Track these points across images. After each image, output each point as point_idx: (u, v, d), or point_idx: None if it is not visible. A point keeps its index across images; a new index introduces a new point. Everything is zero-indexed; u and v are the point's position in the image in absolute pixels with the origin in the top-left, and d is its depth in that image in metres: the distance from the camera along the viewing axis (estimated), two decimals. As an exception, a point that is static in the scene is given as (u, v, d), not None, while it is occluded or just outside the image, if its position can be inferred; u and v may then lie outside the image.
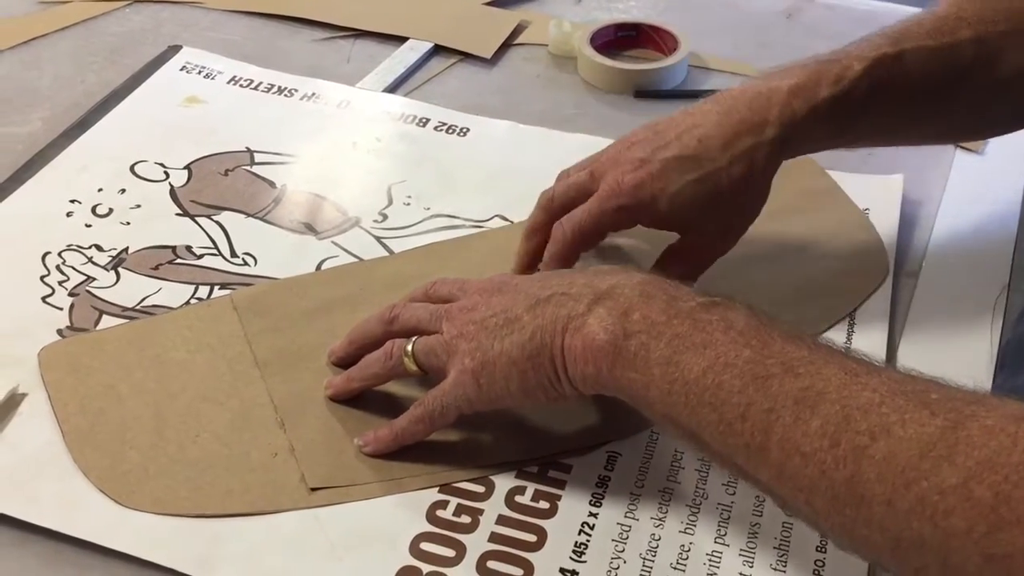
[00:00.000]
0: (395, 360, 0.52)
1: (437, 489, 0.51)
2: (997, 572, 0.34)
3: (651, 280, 0.48)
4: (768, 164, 0.56)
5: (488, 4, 0.91)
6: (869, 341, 0.59)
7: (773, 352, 0.42)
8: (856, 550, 0.41)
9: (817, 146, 0.59)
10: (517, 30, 0.87)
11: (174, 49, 0.83)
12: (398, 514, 0.50)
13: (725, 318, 0.44)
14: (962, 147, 0.75)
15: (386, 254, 0.64)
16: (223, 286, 0.62)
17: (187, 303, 0.60)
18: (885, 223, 0.67)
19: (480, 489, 0.51)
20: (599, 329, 0.46)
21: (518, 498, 0.50)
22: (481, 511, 0.50)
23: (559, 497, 0.51)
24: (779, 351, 0.42)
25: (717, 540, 0.49)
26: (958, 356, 0.59)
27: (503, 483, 0.51)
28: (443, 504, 0.50)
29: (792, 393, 0.41)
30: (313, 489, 0.50)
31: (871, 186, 0.70)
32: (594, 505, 0.50)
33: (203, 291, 0.61)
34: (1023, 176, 0.72)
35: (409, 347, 0.52)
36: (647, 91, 0.80)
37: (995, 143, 0.76)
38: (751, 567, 0.48)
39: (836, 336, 0.59)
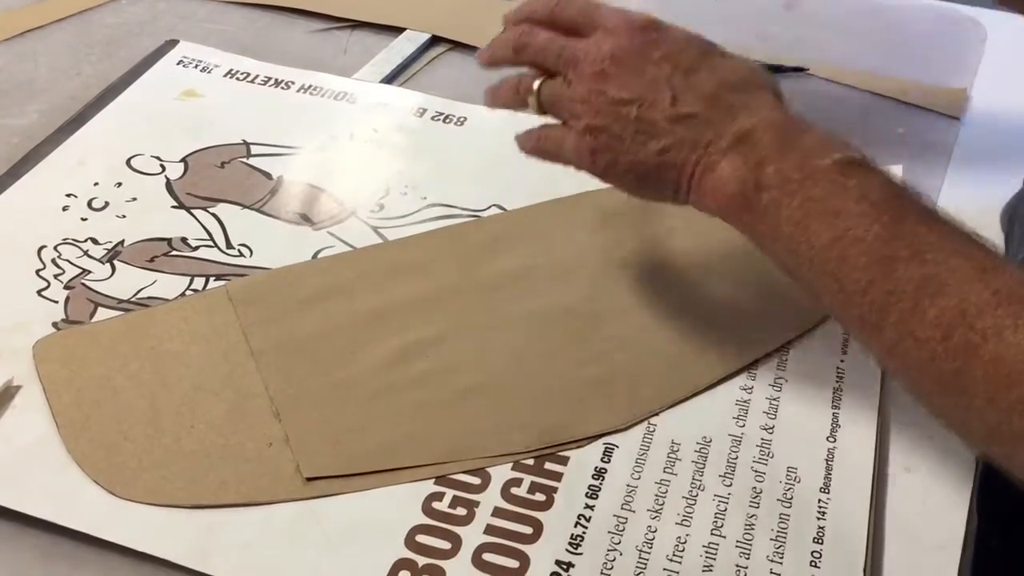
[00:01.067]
0: (523, 95, 0.54)
1: (433, 481, 0.51)
2: None
3: (789, 124, 0.47)
4: None
5: (486, -5, 0.90)
6: (867, 331, 0.58)
7: (904, 231, 0.43)
8: (952, 429, 0.43)
9: None
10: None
11: (171, 43, 0.83)
12: (394, 506, 0.49)
13: (861, 185, 0.44)
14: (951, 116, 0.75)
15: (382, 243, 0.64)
16: (219, 277, 0.61)
17: (182, 295, 0.60)
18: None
19: (476, 481, 0.51)
20: (731, 177, 0.46)
21: (514, 490, 0.50)
22: (477, 503, 0.50)
23: (555, 489, 0.50)
24: (910, 231, 0.43)
25: (714, 532, 0.48)
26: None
27: (499, 475, 0.51)
28: (439, 496, 0.50)
29: (915, 279, 0.41)
30: (308, 479, 0.50)
31: (870, 176, 0.70)
32: (590, 497, 0.50)
33: (198, 283, 0.61)
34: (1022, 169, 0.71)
35: (535, 85, 0.52)
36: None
37: (995, 136, 0.75)
38: (747, 559, 0.47)
39: (834, 326, 0.59)
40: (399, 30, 0.85)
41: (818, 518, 0.49)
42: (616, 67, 0.49)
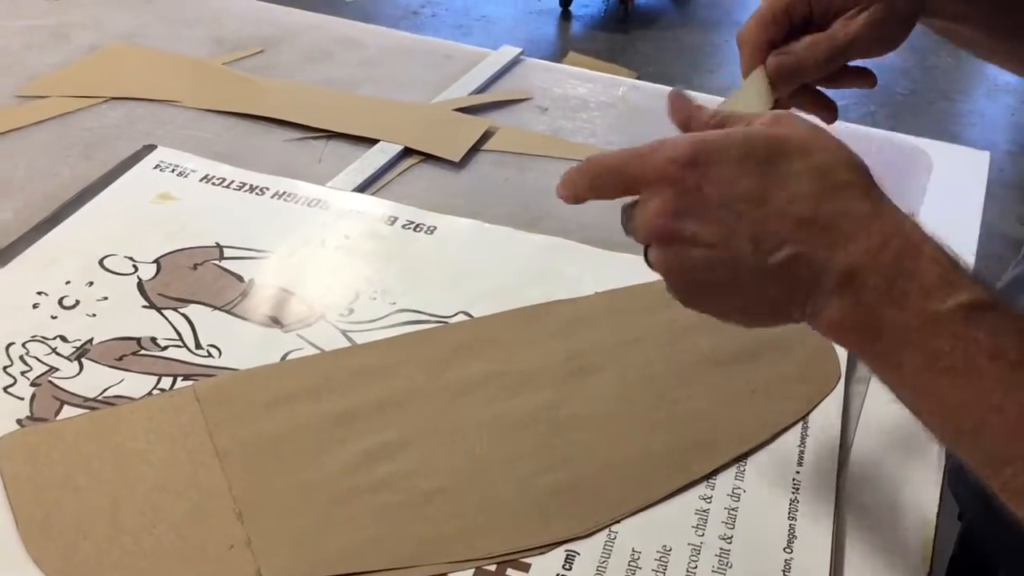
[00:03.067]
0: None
1: (394, 586, 0.51)
2: None
3: (899, 255, 0.41)
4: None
5: (457, 111, 0.94)
6: (822, 443, 0.60)
7: None
8: None
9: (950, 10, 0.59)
10: (485, 136, 0.90)
11: (149, 148, 0.85)
12: (354, 610, 0.49)
13: (993, 337, 0.39)
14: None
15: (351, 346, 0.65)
16: (187, 377, 0.62)
17: (149, 394, 0.61)
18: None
19: (437, 586, 0.51)
20: (844, 324, 0.41)
21: (475, 596, 0.51)
22: (438, 608, 0.50)
23: (516, 595, 0.51)
24: None
25: (673, 640, 0.49)
26: (908, 459, 0.60)
27: (461, 581, 0.51)
28: (400, 601, 0.50)
29: None
30: (269, 583, 0.50)
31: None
32: (551, 604, 0.50)
33: (166, 382, 0.62)
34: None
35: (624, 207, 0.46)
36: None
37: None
38: (707, 668, 0.48)
39: (790, 438, 0.61)
40: (373, 141, 0.88)
41: (776, 629, 0.50)
42: (679, 220, 0.43)
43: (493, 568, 0.52)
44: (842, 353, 0.67)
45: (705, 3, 3.62)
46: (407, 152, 0.88)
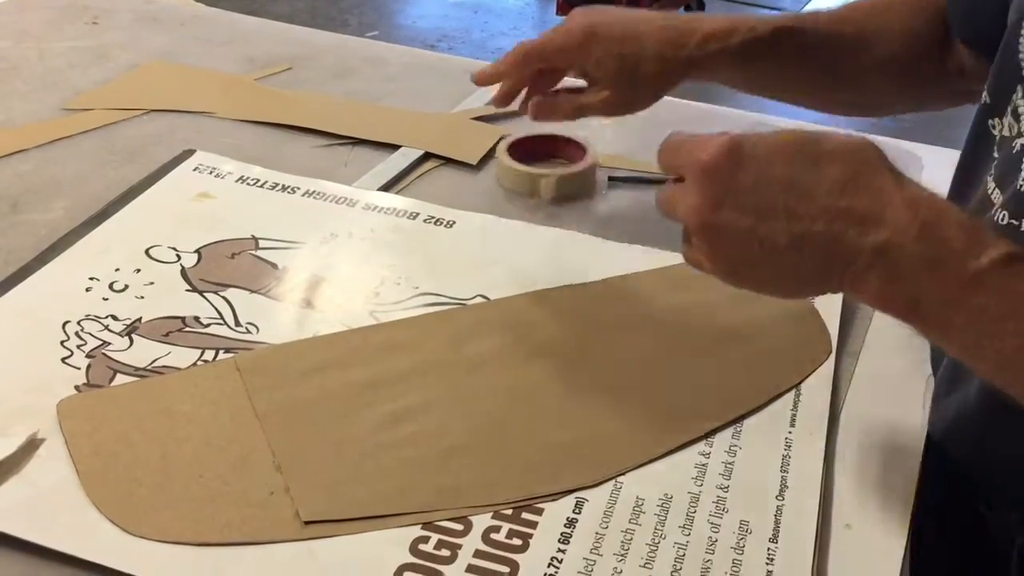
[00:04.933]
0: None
1: (420, 526, 0.56)
2: None
3: (926, 225, 0.44)
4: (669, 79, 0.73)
5: (475, 119, 1.00)
6: (813, 408, 0.65)
7: None
8: None
9: (725, 78, 0.75)
10: (501, 142, 0.96)
11: (188, 152, 0.91)
12: (384, 547, 0.54)
13: None
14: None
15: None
16: (227, 350, 0.67)
17: (194, 364, 0.66)
18: (829, 310, 0.74)
19: (459, 527, 0.56)
20: (886, 296, 0.46)
21: (493, 535, 0.55)
22: (460, 546, 0.55)
23: (531, 535, 0.56)
24: None
25: (673, 573, 0.54)
26: (893, 425, 0.65)
27: (480, 522, 0.56)
28: (425, 539, 0.55)
29: None
30: (307, 523, 0.55)
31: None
32: (562, 543, 0.55)
33: (209, 355, 0.67)
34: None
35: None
36: (618, 177, 0.90)
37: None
38: (704, 596, 0.52)
39: (784, 403, 0.65)
40: (395, 147, 0.94)
41: (767, 564, 0.54)
42: (715, 213, 0.48)
43: (509, 512, 0.57)
44: (834, 330, 0.72)
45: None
46: (427, 157, 0.93)
